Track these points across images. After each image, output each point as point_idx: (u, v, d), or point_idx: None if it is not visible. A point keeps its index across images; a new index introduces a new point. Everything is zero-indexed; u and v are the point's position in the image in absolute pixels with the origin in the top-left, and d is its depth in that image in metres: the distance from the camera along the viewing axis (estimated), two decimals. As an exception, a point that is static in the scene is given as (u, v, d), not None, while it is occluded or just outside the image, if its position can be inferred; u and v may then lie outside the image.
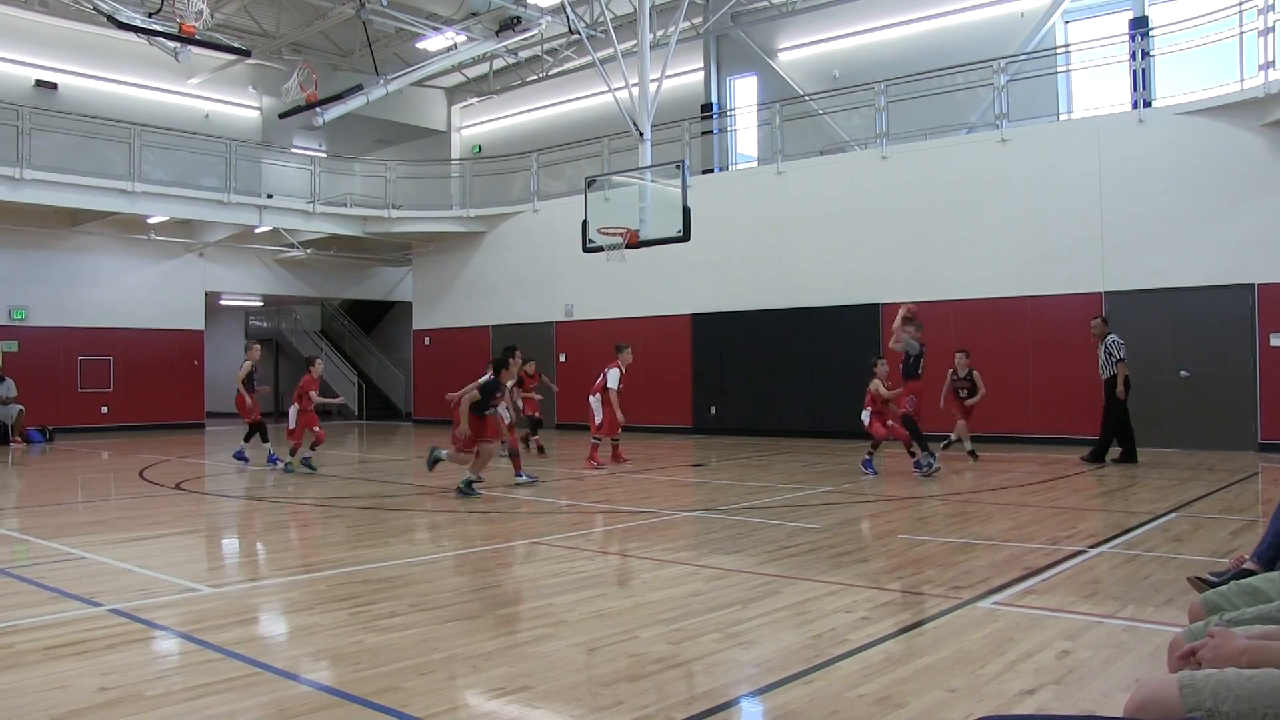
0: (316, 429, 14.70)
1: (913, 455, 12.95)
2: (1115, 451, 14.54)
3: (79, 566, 7.54)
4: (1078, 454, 14.86)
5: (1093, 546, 7.79)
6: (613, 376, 14.84)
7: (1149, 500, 10.54)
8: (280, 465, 14.74)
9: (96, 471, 16.20)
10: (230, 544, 9.45)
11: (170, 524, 10.21)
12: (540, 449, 17.38)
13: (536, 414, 17.62)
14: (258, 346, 16.91)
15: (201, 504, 11.81)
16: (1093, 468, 13.89)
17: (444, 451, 11.73)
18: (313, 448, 14.68)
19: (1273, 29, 15.23)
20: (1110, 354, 14.20)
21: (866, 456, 13.33)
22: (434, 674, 4.65)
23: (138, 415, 24.83)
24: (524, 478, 12.71)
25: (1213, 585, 4.27)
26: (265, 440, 15.82)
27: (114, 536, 9.15)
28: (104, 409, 24.50)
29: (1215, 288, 15.98)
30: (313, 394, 14.67)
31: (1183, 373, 16.03)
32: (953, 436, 15.30)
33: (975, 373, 14.88)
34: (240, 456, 15.94)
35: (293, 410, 14.75)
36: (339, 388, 32.95)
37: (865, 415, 13.25)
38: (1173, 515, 9.36)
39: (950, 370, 15.03)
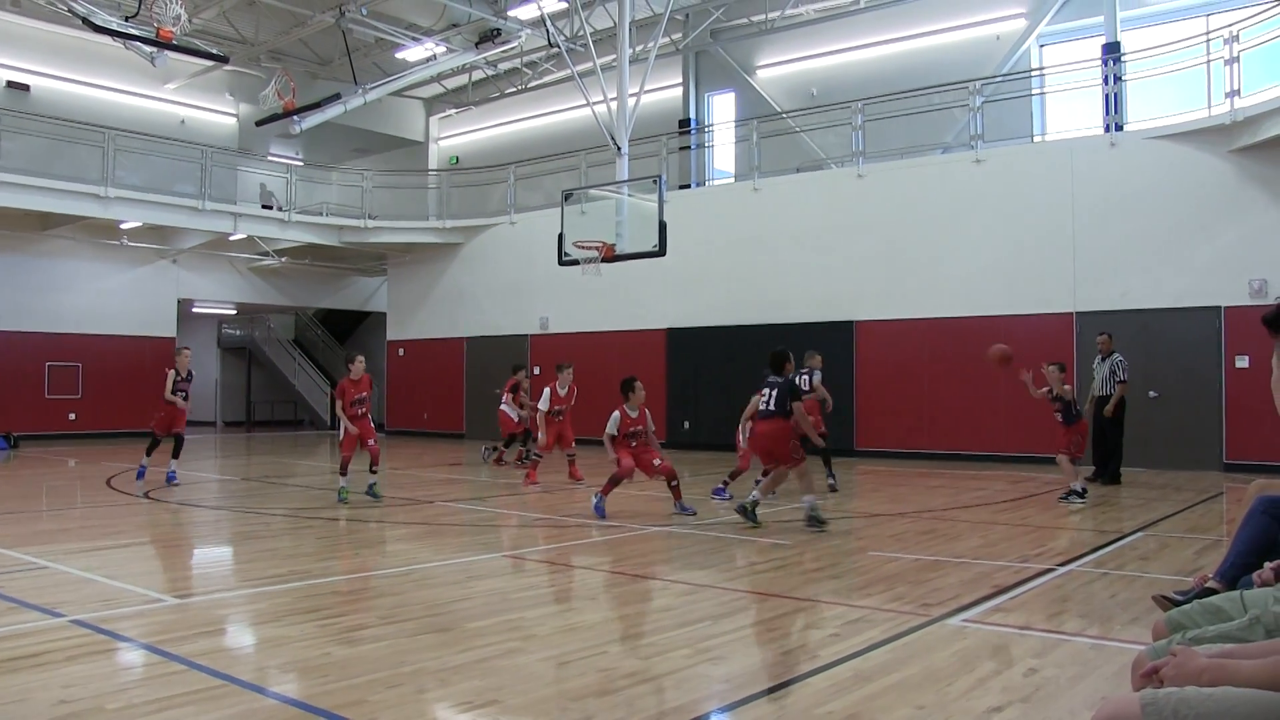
0: (370, 443, 12.17)
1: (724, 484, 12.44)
2: (1089, 470, 14.59)
3: (41, 576, 7.45)
4: (1048, 474, 14.93)
5: (1061, 565, 7.85)
6: (544, 397, 14.16)
7: (1117, 519, 10.64)
8: (351, 491, 12.06)
9: (62, 479, 16.04)
10: (197, 554, 9.37)
11: (136, 533, 10.13)
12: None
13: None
14: (187, 351, 15.48)
15: (169, 513, 11.70)
16: (1112, 487, 13.80)
17: (810, 498, 9.96)
18: (372, 469, 12.47)
19: (1237, 59, 15.51)
20: (1114, 372, 14.18)
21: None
22: (402, 687, 4.62)
23: (107, 423, 24.60)
24: (684, 509, 11.11)
25: (1177, 604, 4.32)
26: (176, 456, 14.32)
27: (78, 545, 9.05)
28: (72, 416, 24.27)
29: (1184, 309, 16.17)
30: (362, 396, 12.13)
31: (1152, 393, 16.16)
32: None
33: (1068, 388, 12.07)
34: (171, 479, 14.08)
35: (342, 421, 12.19)
36: (312, 398, 32.79)
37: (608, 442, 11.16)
38: (1140, 534, 9.45)
39: (1046, 390, 12.06)
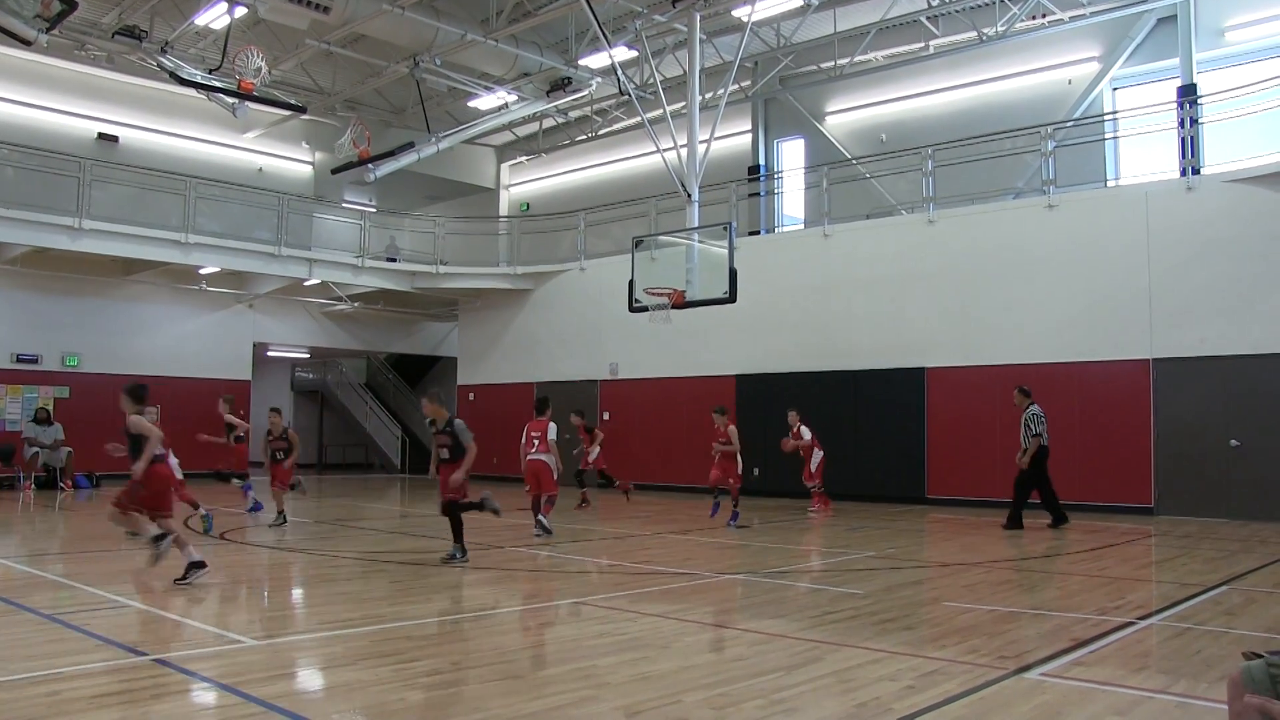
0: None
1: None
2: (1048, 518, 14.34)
3: (123, 614, 7.62)
4: (1124, 523, 14.63)
5: (1142, 618, 7.65)
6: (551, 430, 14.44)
7: (1199, 572, 10.34)
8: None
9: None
10: (273, 596, 9.50)
11: (213, 574, 10.27)
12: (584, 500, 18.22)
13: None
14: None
15: (244, 554, 11.89)
16: (1012, 534, 13.72)
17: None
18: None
19: (1322, 98, 15.18)
20: (1028, 427, 14.17)
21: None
22: (476, 733, 4.64)
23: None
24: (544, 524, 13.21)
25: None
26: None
27: (157, 584, 9.21)
28: (151, 456, 24.70)
29: (1266, 356, 15.72)
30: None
31: (1234, 442, 15.77)
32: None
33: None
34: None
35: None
36: (382, 441, 33.23)
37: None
38: (1224, 588, 9.17)
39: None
